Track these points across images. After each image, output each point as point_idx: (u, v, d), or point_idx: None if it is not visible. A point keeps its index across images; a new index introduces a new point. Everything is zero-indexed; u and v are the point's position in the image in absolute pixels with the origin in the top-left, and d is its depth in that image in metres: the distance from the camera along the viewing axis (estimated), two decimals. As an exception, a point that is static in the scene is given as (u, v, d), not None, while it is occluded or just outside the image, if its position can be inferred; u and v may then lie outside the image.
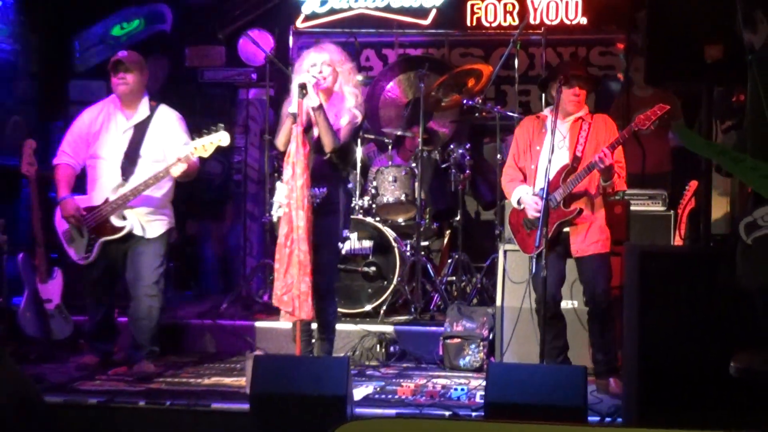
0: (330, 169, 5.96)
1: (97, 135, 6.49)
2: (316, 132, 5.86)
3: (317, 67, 5.91)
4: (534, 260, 5.97)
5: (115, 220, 6.36)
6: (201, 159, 6.43)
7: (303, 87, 5.72)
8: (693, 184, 7.15)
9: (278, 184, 5.97)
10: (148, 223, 6.45)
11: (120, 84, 6.46)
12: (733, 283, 3.90)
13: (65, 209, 6.39)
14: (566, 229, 6.04)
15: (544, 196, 5.67)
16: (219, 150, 6.31)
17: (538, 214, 5.87)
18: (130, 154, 6.41)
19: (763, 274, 3.49)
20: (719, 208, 6.81)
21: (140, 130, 6.47)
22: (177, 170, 6.24)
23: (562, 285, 6.17)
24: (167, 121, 6.56)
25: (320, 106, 5.76)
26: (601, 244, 6.00)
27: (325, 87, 5.91)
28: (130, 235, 6.41)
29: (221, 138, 6.23)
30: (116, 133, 6.47)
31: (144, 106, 6.54)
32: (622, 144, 5.92)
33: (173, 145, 6.38)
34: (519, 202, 6.15)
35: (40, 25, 9.14)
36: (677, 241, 7.04)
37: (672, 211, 7.22)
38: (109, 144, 6.45)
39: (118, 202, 6.32)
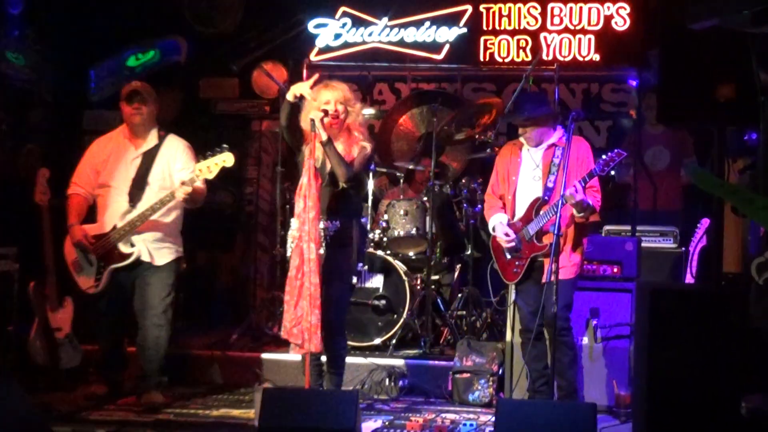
0: (343, 203, 5.97)
1: (107, 164, 6.56)
2: (328, 166, 5.88)
3: (332, 105, 5.94)
4: (514, 287, 6.19)
5: (122, 247, 6.39)
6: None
7: (312, 122, 5.75)
8: (705, 222, 7.16)
9: (292, 220, 5.97)
10: (156, 251, 6.47)
11: (135, 114, 6.52)
12: (744, 323, 3.89)
13: (74, 236, 6.44)
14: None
15: (525, 233, 5.70)
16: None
17: (510, 245, 6.05)
18: (139, 182, 6.46)
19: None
20: (731, 246, 6.79)
21: (149, 157, 6.54)
22: (181, 193, 6.25)
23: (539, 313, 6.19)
24: (175, 149, 6.62)
25: (329, 140, 5.78)
26: (568, 270, 5.99)
27: (337, 125, 5.93)
28: (138, 263, 6.43)
29: (226, 159, 6.22)
30: (125, 161, 6.53)
31: (153, 135, 6.61)
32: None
33: (181, 172, 6.42)
34: (493, 230, 6.19)
35: (56, 55, 9.21)
36: (688, 279, 7.03)
37: (683, 249, 7.21)
38: (119, 172, 6.51)
39: (126, 228, 6.35)
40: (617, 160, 5.78)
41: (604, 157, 5.80)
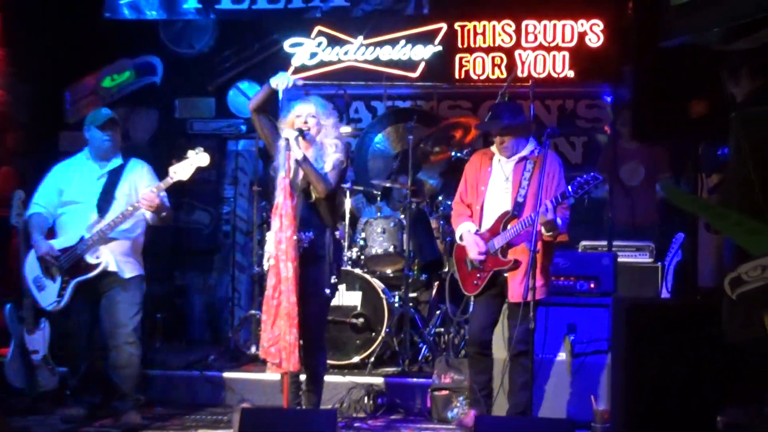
0: (316, 214, 5.97)
1: (71, 183, 6.62)
2: (300, 175, 5.89)
3: (302, 118, 5.97)
4: (472, 299, 6.20)
5: (89, 258, 6.40)
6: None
7: (287, 141, 5.78)
8: (680, 237, 7.20)
9: (268, 234, 5.98)
10: (123, 263, 6.50)
11: (107, 141, 6.61)
12: (719, 337, 3.91)
13: (39, 249, 6.44)
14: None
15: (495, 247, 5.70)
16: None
17: (479, 257, 6.00)
18: (106, 196, 6.54)
19: (748, 329, 3.51)
20: (706, 260, 6.83)
21: (115, 175, 6.63)
22: (146, 199, 6.31)
23: (494, 327, 6.25)
24: (139, 170, 6.72)
25: (305, 159, 5.80)
26: (536, 291, 5.97)
27: (309, 138, 5.95)
28: (104, 274, 6.42)
29: (200, 159, 6.30)
30: (91, 179, 6.62)
31: (117, 158, 6.72)
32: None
33: (146, 190, 6.46)
34: (461, 238, 6.17)
35: (31, 76, 9.19)
36: (664, 294, 7.06)
37: (660, 263, 7.25)
38: (85, 189, 6.58)
39: (94, 238, 6.37)
40: (592, 184, 5.78)
41: (579, 179, 5.80)
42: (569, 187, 5.78)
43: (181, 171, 6.31)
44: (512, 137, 6.11)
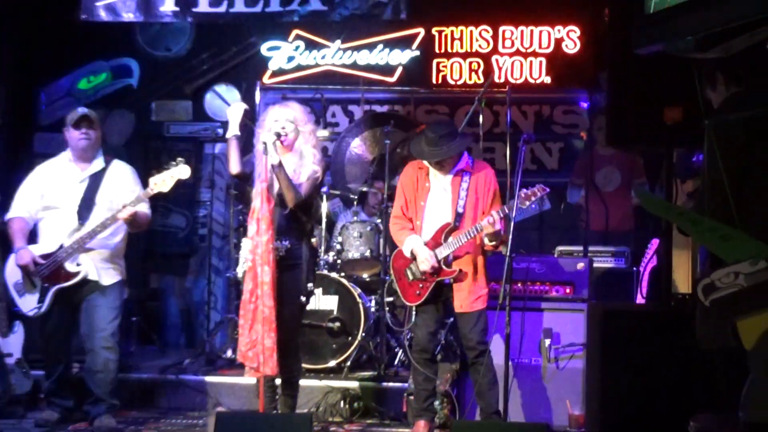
0: (293, 223, 5.97)
1: (52, 188, 6.53)
2: (276, 186, 5.88)
3: (280, 123, 5.96)
4: (414, 309, 6.23)
5: (69, 266, 6.35)
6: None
7: (264, 145, 5.77)
8: (655, 242, 7.23)
9: (244, 240, 5.97)
10: (103, 270, 6.45)
11: (82, 139, 6.53)
12: (693, 344, 3.94)
13: (21, 258, 6.38)
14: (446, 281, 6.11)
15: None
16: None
17: (431, 270, 6.00)
18: (86, 202, 6.46)
19: (721, 336, 3.53)
20: (682, 266, 6.88)
21: (96, 180, 6.54)
22: (124, 214, 6.24)
23: (437, 335, 6.35)
24: (121, 173, 6.65)
25: (280, 164, 5.79)
26: (482, 300, 6.02)
27: (286, 143, 5.95)
28: (84, 282, 6.39)
29: (181, 171, 6.26)
30: (72, 183, 6.53)
31: (99, 160, 6.63)
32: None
33: (128, 194, 6.40)
34: (412, 253, 6.15)
35: (5, 77, 9.14)
36: (639, 299, 7.10)
37: (634, 269, 7.28)
38: (65, 194, 6.50)
39: (73, 246, 6.32)
40: (539, 195, 5.86)
41: (525, 190, 5.85)
42: (515, 201, 5.81)
43: (161, 183, 6.26)
44: (454, 158, 6.12)
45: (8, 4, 9.24)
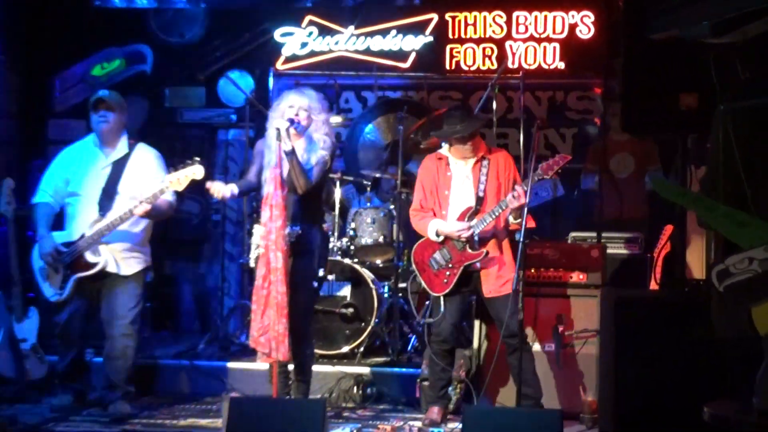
0: (305, 209, 5.99)
1: (76, 173, 6.50)
2: (287, 172, 5.89)
3: (294, 109, 5.97)
4: (442, 299, 6.16)
5: (89, 256, 6.35)
6: (179, 198, 6.44)
7: (278, 131, 5.77)
8: (668, 228, 7.21)
9: (256, 226, 5.98)
10: (123, 260, 6.43)
11: (101, 122, 6.48)
12: (708, 329, 3.93)
13: (44, 247, 6.38)
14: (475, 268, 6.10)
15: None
16: (194, 184, 6.28)
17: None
18: (108, 190, 6.42)
19: (735, 322, 3.52)
20: (697, 252, 6.86)
21: (119, 167, 6.49)
22: (139, 210, 6.23)
23: (459, 326, 6.37)
24: (145, 159, 6.59)
25: (293, 151, 5.80)
26: (510, 283, 5.95)
27: (299, 130, 5.95)
28: (104, 273, 6.39)
29: (195, 171, 6.21)
30: (95, 170, 6.48)
31: (123, 144, 6.56)
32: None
33: (151, 182, 6.39)
34: (438, 234, 6.13)
35: (20, 64, 9.16)
36: (653, 285, 7.08)
37: (648, 255, 7.26)
38: (88, 181, 6.46)
39: (94, 237, 6.31)
40: (561, 163, 5.85)
41: (545, 162, 5.85)
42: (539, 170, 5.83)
43: (176, 182, 6.19)
44: (473, 140, 6.11)
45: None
